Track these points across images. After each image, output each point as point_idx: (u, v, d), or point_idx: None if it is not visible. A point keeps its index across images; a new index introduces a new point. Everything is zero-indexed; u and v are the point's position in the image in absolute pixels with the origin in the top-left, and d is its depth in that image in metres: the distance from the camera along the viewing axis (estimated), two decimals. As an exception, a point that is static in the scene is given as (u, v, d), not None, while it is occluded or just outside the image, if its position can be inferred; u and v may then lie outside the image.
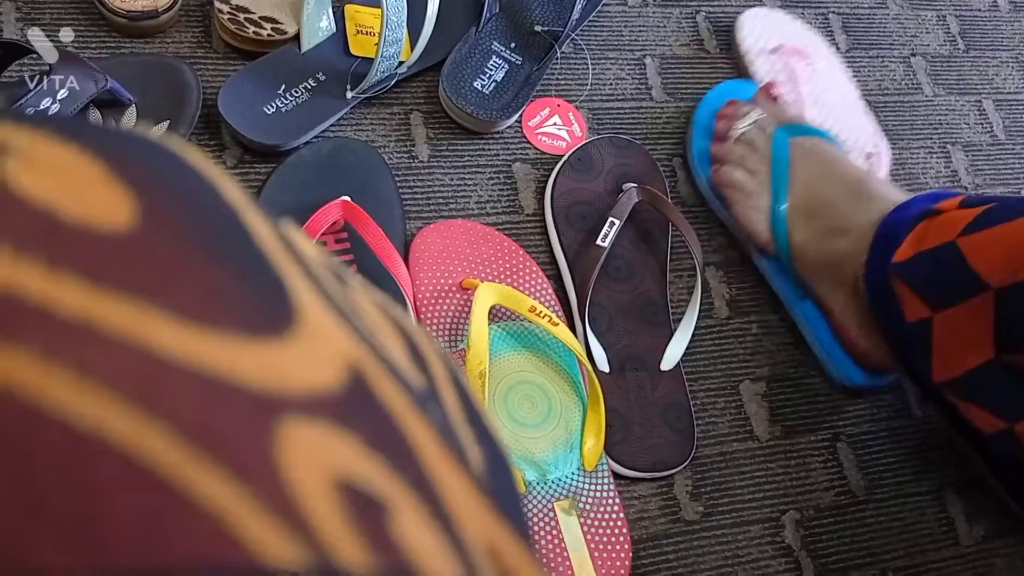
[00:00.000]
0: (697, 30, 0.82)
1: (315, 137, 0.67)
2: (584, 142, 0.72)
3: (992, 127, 0.88)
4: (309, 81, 0.67)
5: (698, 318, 0.68)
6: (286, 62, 0.67)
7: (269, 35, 0.66)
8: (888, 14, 0.90)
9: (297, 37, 0.68)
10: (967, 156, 0.85)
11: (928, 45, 0.90)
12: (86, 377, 0.12)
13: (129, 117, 0.63)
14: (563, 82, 0.76)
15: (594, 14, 0.78)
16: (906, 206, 0.62)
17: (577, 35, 0.77)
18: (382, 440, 0.15)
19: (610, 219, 0.67)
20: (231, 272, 0.14)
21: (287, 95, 0.66)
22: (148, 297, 0.13)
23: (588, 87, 0.76)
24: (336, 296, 0.17)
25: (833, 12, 0.88)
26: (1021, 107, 0.90)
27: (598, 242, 0.66)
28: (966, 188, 0.83)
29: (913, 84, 0.87)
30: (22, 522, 0.11)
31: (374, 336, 0.17)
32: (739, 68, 0.81)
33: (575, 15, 0.73)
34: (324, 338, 0.15)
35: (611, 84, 0.77)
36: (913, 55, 0.89)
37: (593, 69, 0.77)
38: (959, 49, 0.91)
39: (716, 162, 0.72)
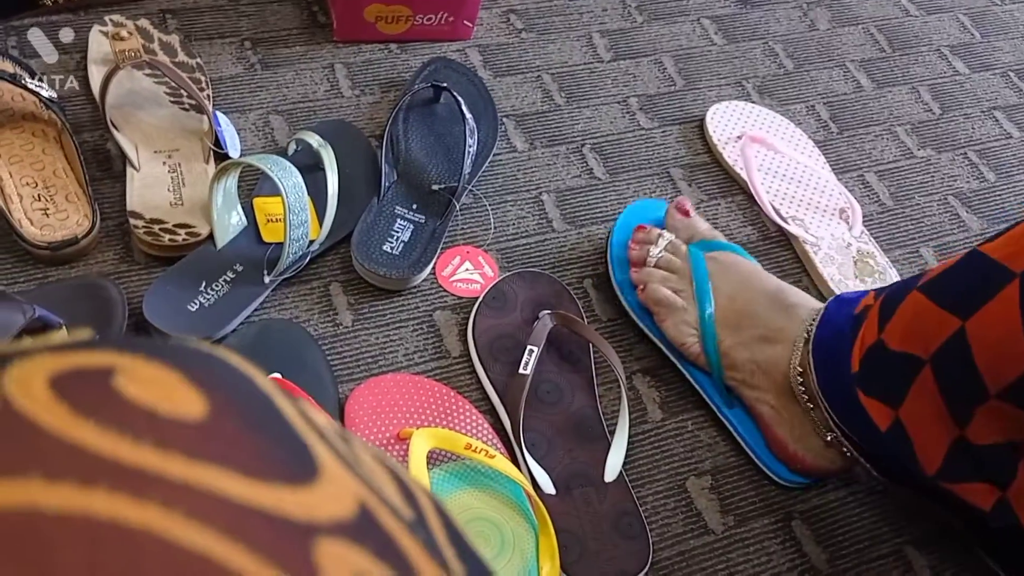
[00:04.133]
0: (585, 161, 0.89)
1: (241, 323, 0.71)
2: (495, 281, 0.77)
3: (879, 196, 0.94)
4: (227, 274, 0.71)
5: (633, 425, 0.71)
6: (203, 260, 0.71)
7: (184, 240, 0.71)
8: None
9: (211, 236, 0.73)
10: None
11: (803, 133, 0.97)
12: (192, 518, 0.18)
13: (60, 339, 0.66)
14: (469, 230, 0.81)
15: (487, 164, 0.84)
16: (828, 320, 0.64)
17: (474, 186, 0.83)
18: (386, 553, 0.21)
19: (528, 347, 0.71)
20: (272, 441, 0.21)
21: (208, 290, 0.70)
22: (222, 463, 0.19)
23: (493, 230, 0.82)
24: (343, 451, 0.23)
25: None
26: (900, 174, 0.96)
27: (521, 371, 0.69)
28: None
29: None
30: None
31: (373, 479, 0.23)
32: (714, 155, 0.93)
33: (466, 170, 0.79)
34: (339, 482, 0.21)
35: (514, 224, 0.83)
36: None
37: (494, 213, 0.83)
38: (832, 132, 0.98)
39: (639, 285, 0.75)
